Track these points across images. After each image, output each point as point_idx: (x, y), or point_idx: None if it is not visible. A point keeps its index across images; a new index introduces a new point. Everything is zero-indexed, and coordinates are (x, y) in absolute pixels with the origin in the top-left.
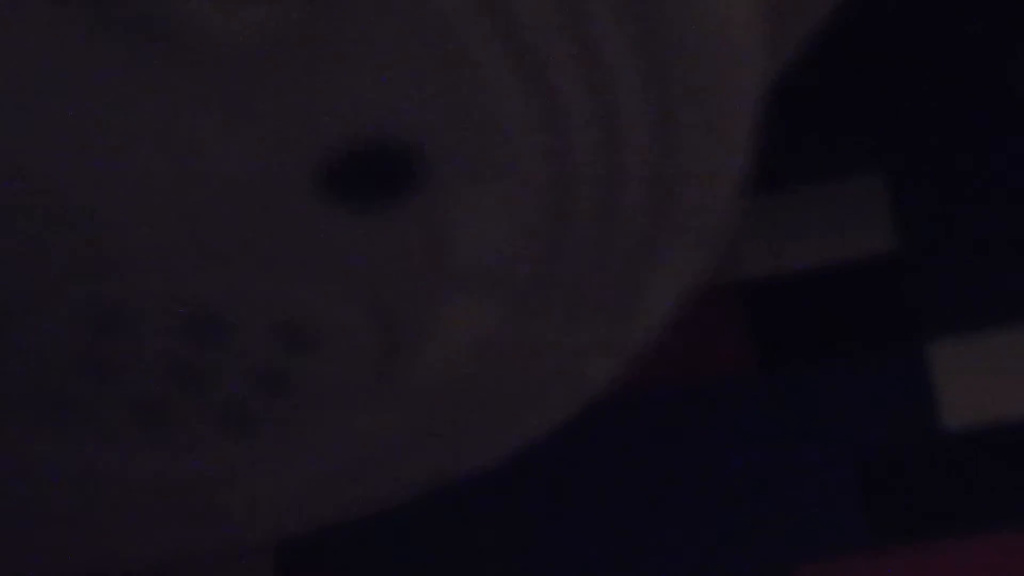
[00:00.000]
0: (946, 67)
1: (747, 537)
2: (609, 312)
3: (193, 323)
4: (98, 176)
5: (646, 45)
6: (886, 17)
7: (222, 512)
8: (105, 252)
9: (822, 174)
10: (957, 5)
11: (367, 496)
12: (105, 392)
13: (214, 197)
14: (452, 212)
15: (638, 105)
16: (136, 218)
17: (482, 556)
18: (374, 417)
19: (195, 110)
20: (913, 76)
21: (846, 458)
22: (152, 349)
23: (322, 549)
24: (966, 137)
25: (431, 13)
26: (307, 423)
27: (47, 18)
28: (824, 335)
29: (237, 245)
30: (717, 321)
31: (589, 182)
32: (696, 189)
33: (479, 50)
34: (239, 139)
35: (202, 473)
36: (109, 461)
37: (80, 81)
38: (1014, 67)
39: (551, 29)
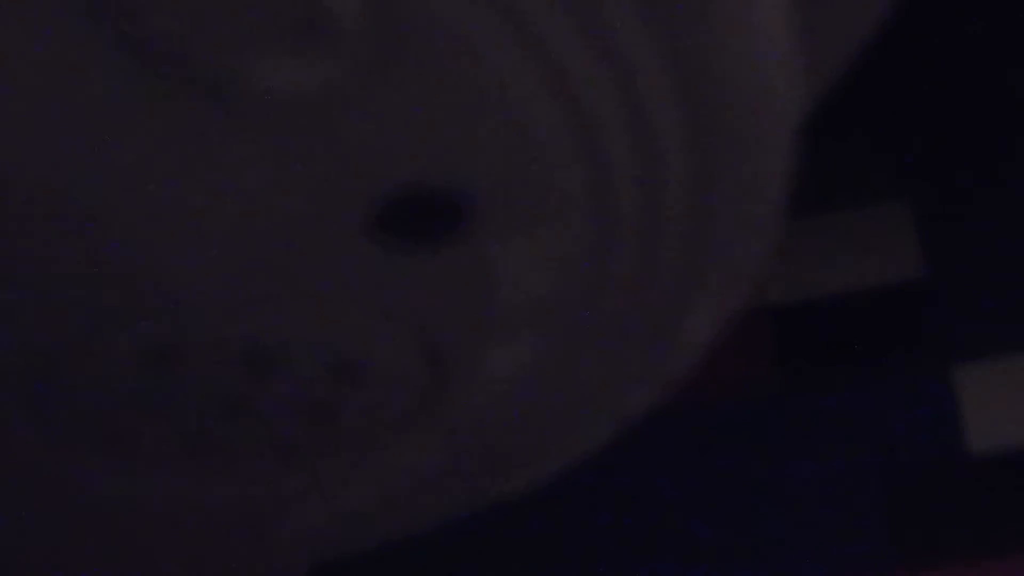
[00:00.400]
0: (970, 92)
1: (770, 559)
2: (648, 344)
3: (245, 357)
4: (157, 218)
5: (687, 90)
6: (911, 45)
7: (266, 537)
8: (163, 290)
9: (849, 200)
10: (981, 34)
11: (407, 522)
12: (157, 423)
13: (269, 238)
14: (499, 254)
15: (679, 147)
16: (193, 258)
17: (508, 557)
18: (417, 447)
19: (253, 158)
20: (939, 103)
21: (871, 481)
22: (204, 382)
23: (354, 567)
24: (992, 163)
25: (483, 70)
26: (352, 453)
27: (118, 75)
28: (850, 359)
29: (290, 283)
30: (744, 344)
31: (631, 223)
32: (734, 226)
33: (529, 106)
34: (294, 184)
35: (250, 501)
36: (158, 488)
37: (140, 129)
38: (1014, 76)
39: (598, 82)
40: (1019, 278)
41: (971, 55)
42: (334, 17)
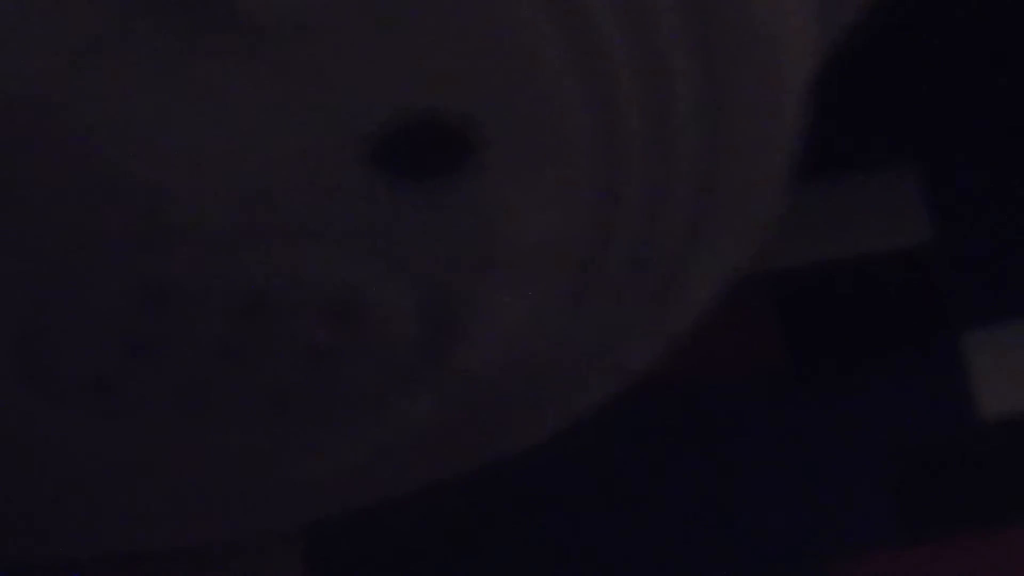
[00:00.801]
0: (977, 56)
1: (781, 533)
2: (651, 298)
3: (241, 298)
4: (152, 149)
5: (701, 37)
6: (916, 7)
7: (261, 490)
8: (158, 229)
9: (855, 165)
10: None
11: (404, 478)
12: (151, 369)
13: (268, 171)
14: (504, 195)
15: (691, 96)
16: (190, 195)
17: (509, 553)
18: (416, 398)
19: (249, 85)
20: (945, 66)
21: (881, 451)
22: (200, 326)
23: (350, 543)
24: (999, 126)
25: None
26: (350, 403)
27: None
28: (857, 326)
29: (288, 222)
30: (750, 315)
31: (639, 170)
32: (742, 178)
33: (538, 34)
34: (293, 112)
35: (245, 452)
36: (151, 439)
37: (135, 58)
38: None
39: (611, 20)
40: None
41: (978, 20)
42: None
